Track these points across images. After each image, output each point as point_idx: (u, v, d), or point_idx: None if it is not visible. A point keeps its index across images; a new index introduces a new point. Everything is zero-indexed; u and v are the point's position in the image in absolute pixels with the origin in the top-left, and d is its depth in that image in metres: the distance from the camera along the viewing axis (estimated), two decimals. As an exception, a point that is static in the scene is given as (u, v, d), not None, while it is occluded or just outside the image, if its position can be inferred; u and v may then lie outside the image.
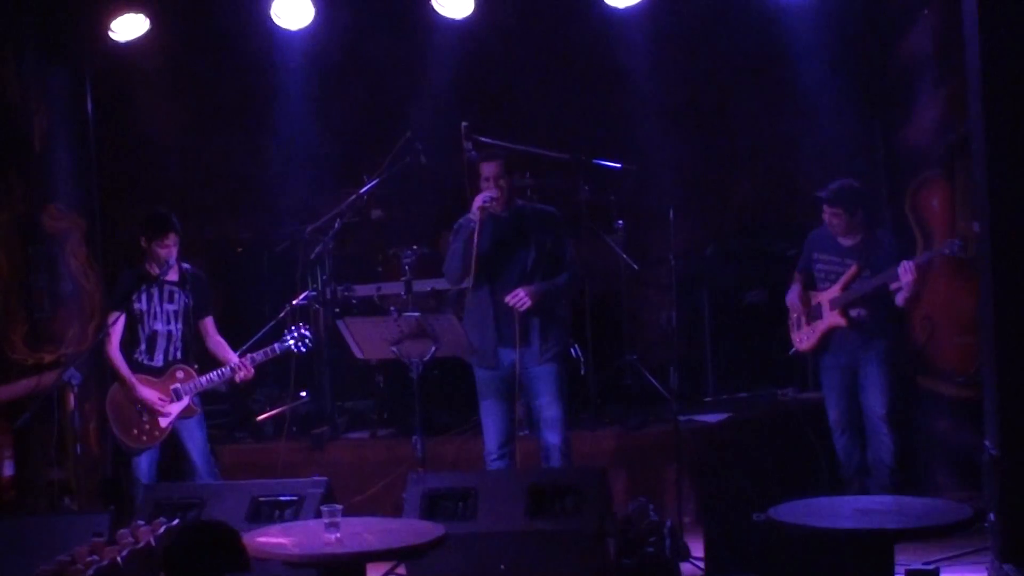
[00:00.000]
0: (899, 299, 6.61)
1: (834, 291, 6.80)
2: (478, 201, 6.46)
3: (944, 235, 7.06)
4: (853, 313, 6.74)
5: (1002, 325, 5.25)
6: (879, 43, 8.09)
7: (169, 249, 6.76)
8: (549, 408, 6.51)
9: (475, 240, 6.39)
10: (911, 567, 5.21)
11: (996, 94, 5.19)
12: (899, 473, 6.78)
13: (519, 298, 6.41)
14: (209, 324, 7.02)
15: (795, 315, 7.01)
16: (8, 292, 7.65)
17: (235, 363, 6.88)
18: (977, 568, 5.79)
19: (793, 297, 6.97)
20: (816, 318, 6.88)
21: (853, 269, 6.75)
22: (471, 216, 6.47)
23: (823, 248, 6.94)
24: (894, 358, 6.89)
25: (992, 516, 5.37)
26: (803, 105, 8.45)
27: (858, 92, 8.31)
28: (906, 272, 6.44)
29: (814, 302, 6.90)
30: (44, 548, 5.31)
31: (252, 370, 6.90)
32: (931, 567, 5.31)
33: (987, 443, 5.43)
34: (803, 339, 6.97)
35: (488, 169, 6.55)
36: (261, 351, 6.95)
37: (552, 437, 6.51)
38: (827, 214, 6.82)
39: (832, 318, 6.79)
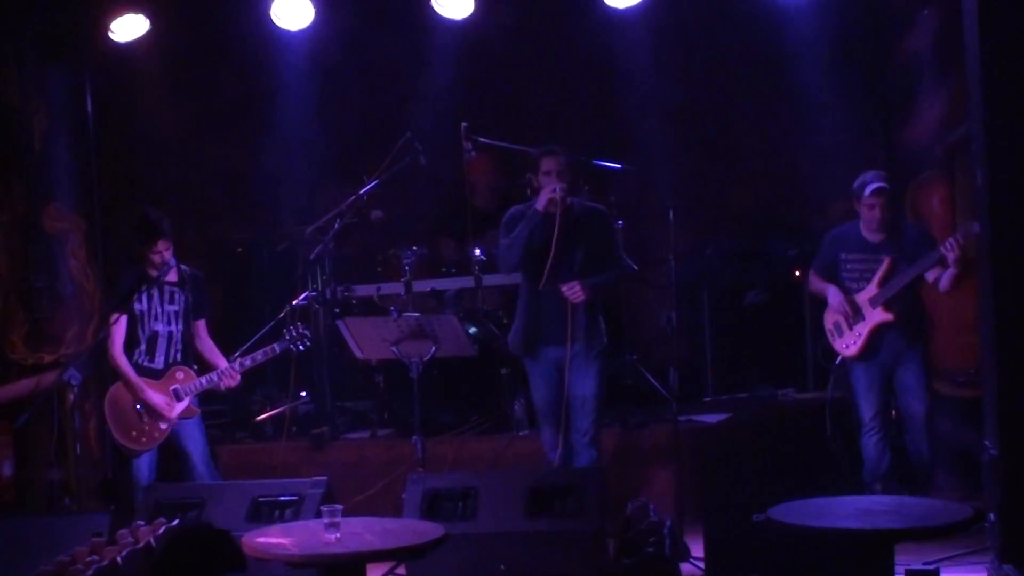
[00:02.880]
0: (943, 284, 6.47)
1: (871, 289, 6.64)
2: (547, 193, 6.39)
3: (944, 235, 7.06)
4: (896, 308, 6.61)
5: (1002, 325, 5.25)
6: (879, 43, 8.10)
7: (161, 254, 6.75)
8: (587, 403, 6.53)
9: (555, 233, 6.34)
10: (911, 567, 5.21)
11: (996, 94, 5.19)
12: (930, 479, 6.79)
13: (574, 291, 6.40)
14: (202, 326, 7.01)
15: (834, 321, 6.78)
16: (8, 292, 7.65)
17: (223, 368, 6.88)
18: (977, 568, 5.79)
19: (839, 298, 6.73)
20: (859, 320, 6.69)
21: (887, 263, 6.61)
22: (537, 207, 6.41)
23: (850, 246, 6.77)
24: (929, 364, 6.82)
25: (992, 516, 5.37)
26: (803, 105, 8.46)
27: (858, 92, 8.32)
28: (951, 249, 6.29)
29: (855, 304, 6.72)
30: (44, 548, 5.33)
31: (238, 377, 6.90)
32: (931, 567, 5.30)
33: (987, 443, 5.43)
34: (849, 344, 6.72)
35: (550, 163, 6.49)
36: (260, 351, 6.94)
37: (586, 429, 6.53)
38: (871, 205, 6.61)
39: (877, 315, 6.62)
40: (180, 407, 6.80)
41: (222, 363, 6.92)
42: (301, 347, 7.02)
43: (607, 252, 6.61)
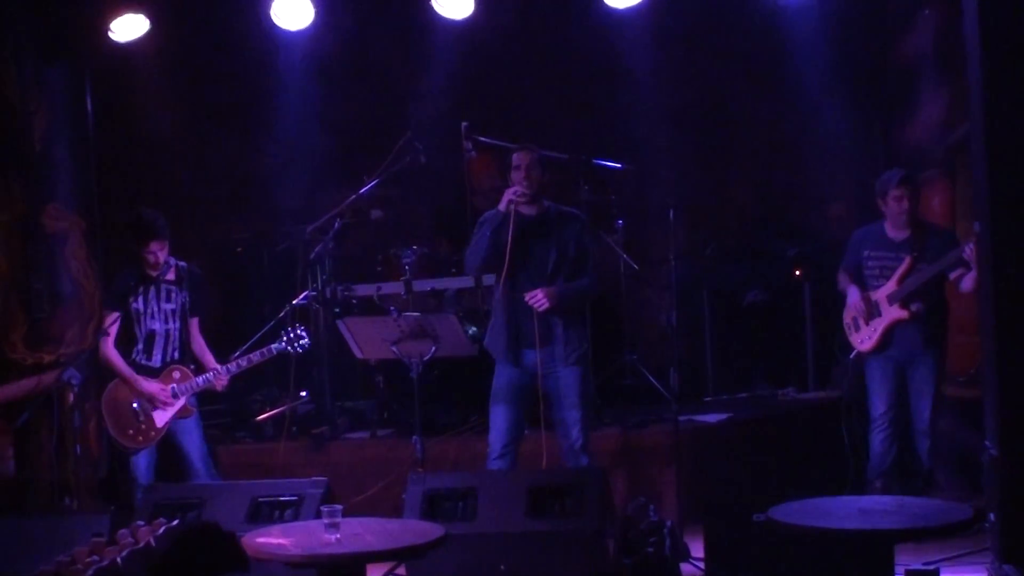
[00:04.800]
0: (965, 284, 6.48)
1: (891, 286, 6.69)
2: (508, 195, 6.35)
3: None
4: (913, 307, 6.64)
5: (1002, 325, 5.25)
6: (879, 43, 8.10)
7: (155, 254, 6.76)
8: (573, 410, 6.45)
9: (509, 234, 6.29)
10: (911, 567, 5.21)
11: (996, 94, 5.18)
12: (930, 479, 6.78)
13: (537, 299, 6.33)
14: (195, 324, 7.01)
15: (852, 316, 6.85)
16: (8, 292, 7.65)
17: (216, 370, 6.88)
18: (977, 568, 5.79)
19: (855, 297, 6.80)
20: (875, 316, 6.75)
21: (907, 262, 6.65)
22: (499, 208, 6.36)
23: (873, 244, 6.82)
24: (944, 367, 6.84)
25: (992, 516, 5.37)
26: (803, 105, 8.47)
27: (858, 92, 8.32)
28: (972, 252, 6.27)
29: (872, 300, 6.77)
30: (44, 548, 5.30)
31: (226, 380, 6.90)
32: (931, 567, 5.31)
33: (987, 443, 5.42)
34: (864, 339, 6.80)
35: (519, 158, 6.42)
36: (257, 352, 6.94)
37: (575, 437, 6.46)
38: (898, 197, 6.63)
39: (893, 313, 6.68)
40: (177, 405, 6.81)
41: (211, 362, 6.92)
42: (299, 349, 7.02)
43: (580, 259, 6.49)
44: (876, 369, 6.84)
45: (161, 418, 6.80)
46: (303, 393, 8.05)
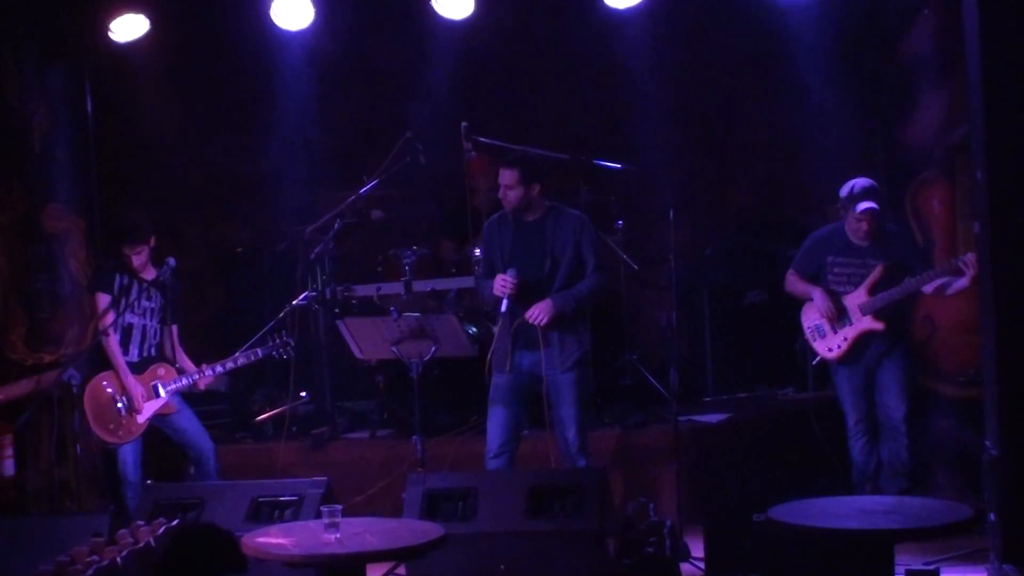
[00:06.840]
0: (951, 291, 6.40)
1: (860, 295, 6.58)
2: (498, 288, 6.35)
3: (944, 235, 7.04)
4: (884, 316, 6.55)
5: (1002, 325, 5.25)
6: (879, 43, 8.09)
7: (139, 256, 6.81)
8: (569, 412, 6.45)
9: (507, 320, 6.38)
10: (911, 567, 5.21)
11: (996, 94, 5.18)
12: (917, 473, 6.74)
13: (534, 316, 6.31)
14: (174, 331, 7.02)
15: (816, 322, 6.71)
16: (8, 292, 7.65)
17: (202, 369, 6.90)
18: (977, 568, 5.79)
19: (825, 302, 6.64)
20: (844, 324, 6.64)
21: (879, 270, 6.53)
22: (496, 292, 6.36)
23: (838, 250, 6.69)
24: (911, 362, 6.78)
25: (992, 516, 5.37)
26: (803, 105, 8.45)
27: (858, 92, 8.31)
28: (969, 266, 6.21)
29: (841, 305, 6.64)
30: (44, 548, 5.32)
31: (210, 378, 6.92)
32: (931, 567, 5.31)
33: (987, 443, 5.42)
34: (832, 347, 6.66)
35: (500, 176, 6.42)
36: (242, 354, 6.94)
37: (572, 439, 6.46)
38: (860, 216, 6.52)
39: (866, 323, 6.55)
40: (159, 403, 6.81)
41: (191, 367, 6.93)
42: (285, 355, 7.03)
43: (578, 261, 6.45)
44: (845, 379, 6.72)
45: (143, 414, 6.80)
46: (303, 393, 8.04)
